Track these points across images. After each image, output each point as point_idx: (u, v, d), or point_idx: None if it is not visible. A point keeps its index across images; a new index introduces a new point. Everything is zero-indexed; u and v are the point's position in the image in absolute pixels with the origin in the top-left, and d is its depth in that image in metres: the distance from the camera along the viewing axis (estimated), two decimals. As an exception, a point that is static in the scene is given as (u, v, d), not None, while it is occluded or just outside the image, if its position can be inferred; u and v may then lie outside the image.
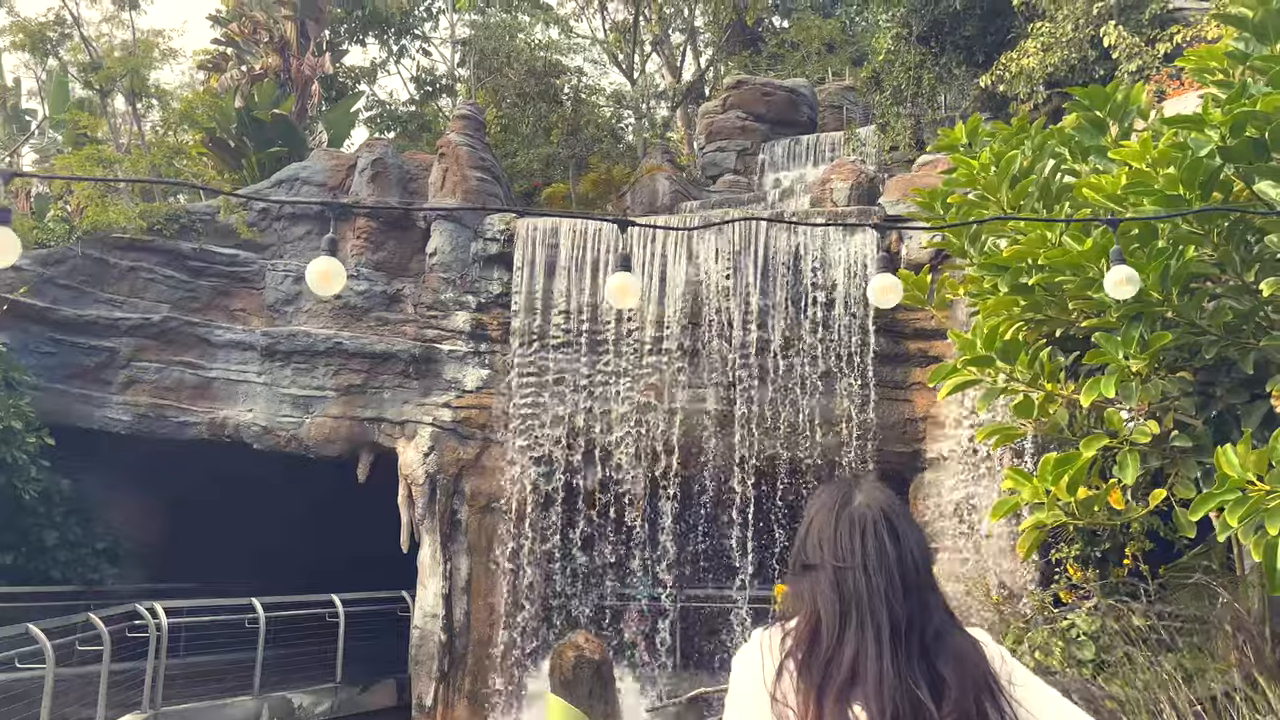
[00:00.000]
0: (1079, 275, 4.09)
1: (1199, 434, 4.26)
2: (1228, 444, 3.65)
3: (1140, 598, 7.30)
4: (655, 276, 12.59)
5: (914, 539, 1.86)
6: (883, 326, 11.95)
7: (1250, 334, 3.98)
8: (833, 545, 1.81)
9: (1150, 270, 3.84)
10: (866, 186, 15.41)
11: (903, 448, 11.94)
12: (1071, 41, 12.82)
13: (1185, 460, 4.25)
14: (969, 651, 1.77)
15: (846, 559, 1.79)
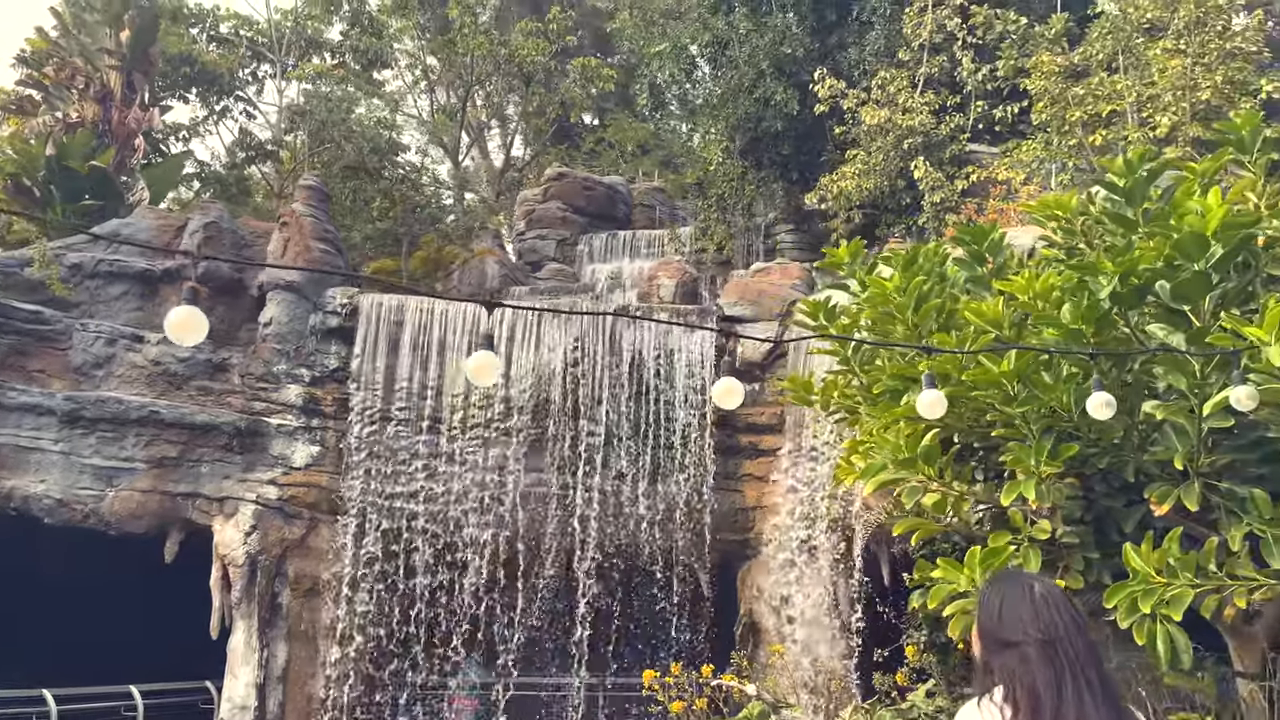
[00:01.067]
0: (999, 390, 4.73)
1: (1082, 533, 4.96)
2: (1129, 543, 4.32)
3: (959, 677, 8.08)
4: (501, 360, 12.73)
5: (1082, 614, 2.24)
6: (718, 420, 12.59)
7: (1131, 449, 4.72)
8: (1035, 622, 2.17)
9: (1062, 391, 4.52)
10: (690, 285, 16.29)
11: (734, 536, 12.53)
12: (883, 171, 14.28)
13: (1073, 555, 4.92)
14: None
15: (1052, 633, 2.14)
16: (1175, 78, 10.35)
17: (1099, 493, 4.92)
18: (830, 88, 14.55)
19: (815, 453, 11.64)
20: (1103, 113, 11.19)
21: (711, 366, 12.61)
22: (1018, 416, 4.67)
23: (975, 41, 14.37)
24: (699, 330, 12.83)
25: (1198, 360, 4.18)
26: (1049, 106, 11.81)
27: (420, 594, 12.11)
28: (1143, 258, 4.58)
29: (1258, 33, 11.00)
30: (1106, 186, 5.28)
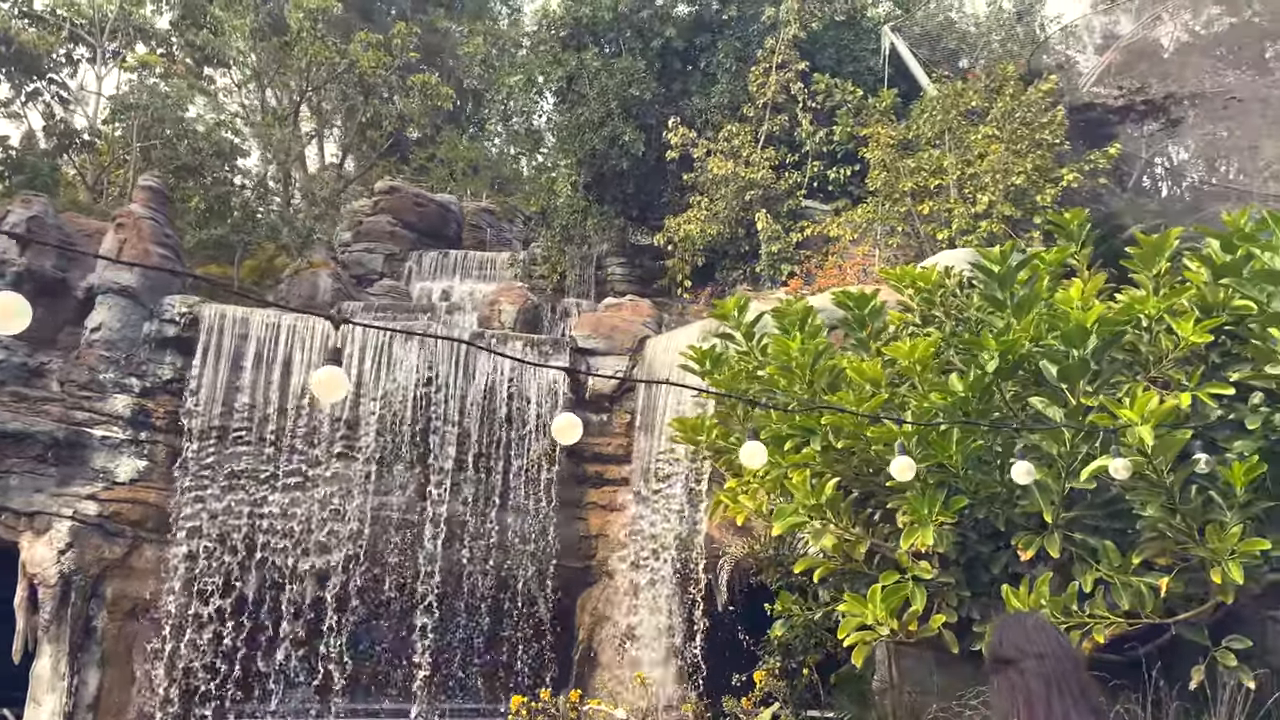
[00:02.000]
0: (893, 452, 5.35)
1: (956, 574, 5.67)
2: (1008, 585, 5.03)
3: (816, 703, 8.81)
4: (349, 379, 12.54)
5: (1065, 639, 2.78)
6: (565, 449, 12.90)
7: (1000, 502, 5.46)
8: (1028, 645, 2.68)
9: (954, 452, 5.19)
10: (532, 312, 16.61)
11: (576, 563, 12.85)
12: (725, 219, 15.13)
13: (948, 593, 5.62)
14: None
15: (1041, 651, 2.66)
16: (994, 162, 11.68)
17: (971, 540, 5.63)
18: (682, 136, 15.26)
19: (662, 486, 12.17)
20: (930, 185, 12.42)
21: (563, 395, 12.94)
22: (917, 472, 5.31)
23: (814, 106, 15.51)
24: (551, 358, 13.13)
25: (1069, 431, 4.95)
26: (882, 174, 12.95)
27: (252, 618, 11.70)
28: (1018, 339, 5.34)
29: (1060, 126, 12.55)
30: (981, 270, 6.07)
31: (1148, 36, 29.63)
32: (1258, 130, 25.93)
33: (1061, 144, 12.43)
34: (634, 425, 12.96)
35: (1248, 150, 25.78)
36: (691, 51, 17.82)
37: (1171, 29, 31.62)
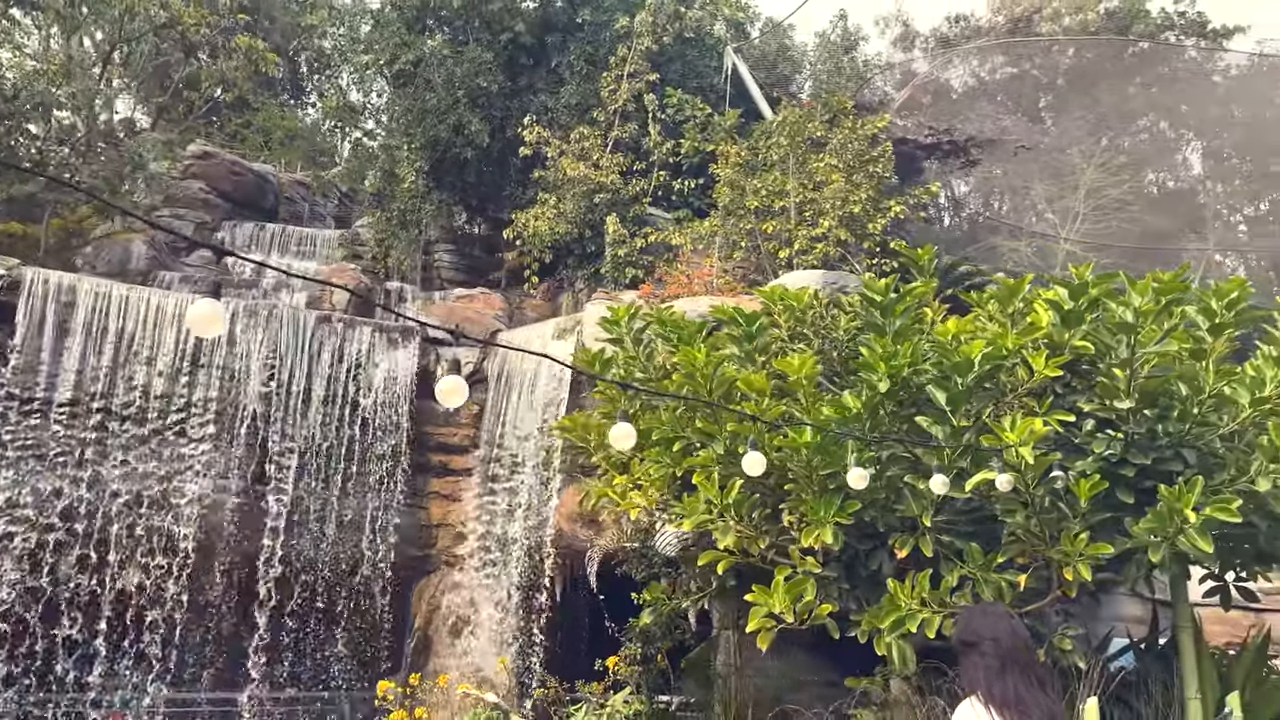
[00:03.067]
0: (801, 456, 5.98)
1: (837, 569, 6.39)
2: (893, 579, 5.77)
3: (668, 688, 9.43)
4: (188, 358, 12.07)
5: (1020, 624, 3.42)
6: (411, 438, 12.94)
7: (879, 507, 6.22)
8: (986, 630, 3.30)
9: (852, 461, 5.87)
10: (366, 295, 16.46)
11: (417, 551, 12.92)
12: (574, 219, 15.54)
13: (831, 586, 6.32)
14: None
15: (1002, 636, 3.28)
16: (835, 191, 12.72)
17: (852, 539, 6.36)
18: (538, 135, 15.53)
19: (509, 478, 12.45)
20: (774, 205, 13.33)
21: (411, 384, 12.95)
22: (816, 477, 5.97)
23: (663, 117, 16.17)
24: (400, 345, 13.11)
25: (949, 448, 5.74)
26: (729, 191, 13.77)
27: (75, 602, 11.07)
28: (902, 365, 6.10)
29: (889, 161, 13.79)
30: (865, 300, 6.82)
31: (939, 78, 32.38)
32: (1030, 172, 28.96)
33: (890, 177, 13.65)
34: (482, 417, 13.16)
35: (1021, 189, 28.75)
36: (541, 49, 18.07)
37: (961, 73, 34.58)
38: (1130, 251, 28.74)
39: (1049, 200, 28.38)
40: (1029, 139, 31.89)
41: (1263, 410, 5.65)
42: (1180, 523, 5.23)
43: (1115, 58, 33.04)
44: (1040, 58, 34.17)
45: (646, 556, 9.39)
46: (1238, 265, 32.85)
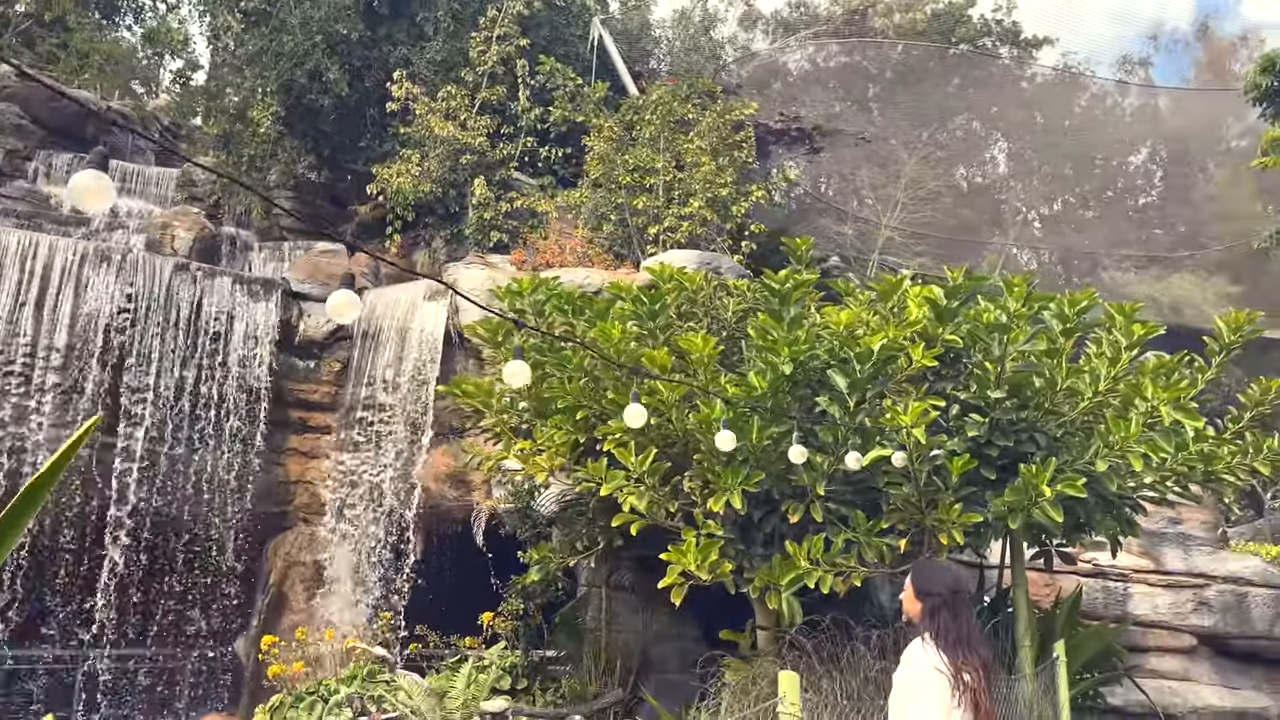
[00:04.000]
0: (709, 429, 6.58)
1: (733, 532, 7.07)
2: (790, 540, 6.50)
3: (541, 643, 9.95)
4: (31, 303, 11.47)
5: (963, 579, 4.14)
6: (275, 394, 12.76)
7: (773, 478, 6.93)
8: (944, 583, 3.98)
9: (761, 434, 6.54)
10: (210, 242, 16.01)
11: (274, 508, 12.81)
12: (438, 178, 15.55)
13: (728, 548, 7.00)
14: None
15: (955, 587, 3.98)
16: (706, 173, 13.40)
17: (748, 505, 7.05)
18: (407, 91, 15.41)
19: (375, 437, 12.53)
20: (645, 182, 13.88)
21: (272, 338, 12.74)
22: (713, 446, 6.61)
23: (532, 83, 16.36)
24: (261, 298, 12.87)
25: (845, 426, 6.51)
26: (601, 165, 14.21)
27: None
28: (802, 350, 6.82)
29: (752, 146, 14.60)
30: (766, 289, 7.50)
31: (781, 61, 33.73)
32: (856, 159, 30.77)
33: (752, 162, 14.46)
34: (345, 374, 13.12)
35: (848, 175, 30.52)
36: (402, 1, 17.78)
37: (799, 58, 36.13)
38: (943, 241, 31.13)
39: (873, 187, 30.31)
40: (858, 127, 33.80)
41: (1100, 402, 6.71)
42: (1036, 496, 6.20)
43: (939, 57, 35.27)
44: (872, 51, 36.08)
45: (530, 517, 9.83)
46: (1032, 259, 36.09)
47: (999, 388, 6.54)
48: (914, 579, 4.11)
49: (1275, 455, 7.19)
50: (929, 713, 3.69)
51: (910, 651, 3.94)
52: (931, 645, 3.88)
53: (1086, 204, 35.91)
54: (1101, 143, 36.08)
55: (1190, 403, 6.65)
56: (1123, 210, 35.95)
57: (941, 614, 3.94)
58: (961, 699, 3.74)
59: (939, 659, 3.81)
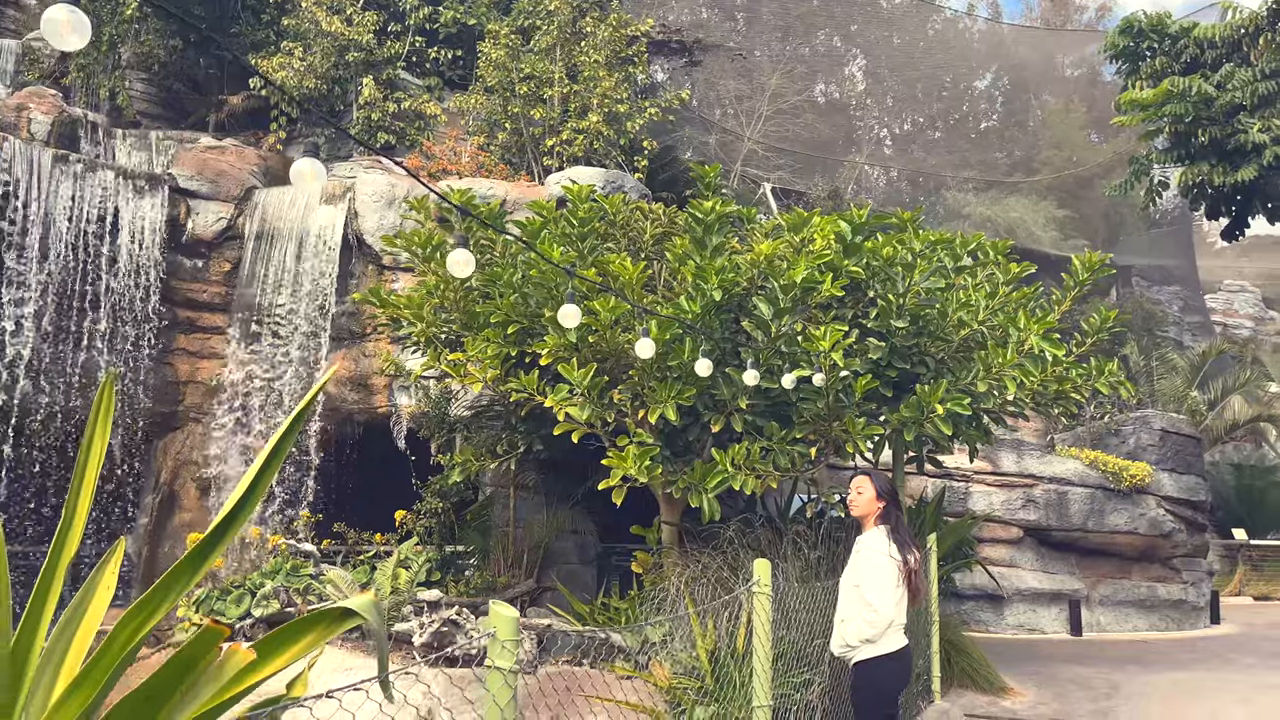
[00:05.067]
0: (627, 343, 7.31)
1: (661, 440, 7.90)
2: (715, 447, 7.38)
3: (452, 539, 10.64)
4: (-99, 188, 10.95)
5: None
6: (161, 293, 12.66)
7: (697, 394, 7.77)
8: (892, 487, 4.90)
9: (693, 353, 7.32)
10: (70, 126, 15.44)
11: (163, 407, 12.83)
12: (322, 75, 15.34)
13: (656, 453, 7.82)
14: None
15: (894, 489, 4.91)
16: (605, 89, 13.83)
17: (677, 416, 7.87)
18: (292, -20, 15.00)
19: (272, 338, 12.66)
20: (542, 94, 14.19)
21: (160, 236, 12.58)
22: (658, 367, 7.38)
23: (422, -19, 16.18)
24: (147, 193, 12.64)
25: (768, 349, 7.38)
26: (496, 72, 14.39)
27: None
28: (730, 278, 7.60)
29: (646, 63, 15.05)
30: (692, 218, 8.20)
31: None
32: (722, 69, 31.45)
33: (646, 78, 14.95)
34: (235, 274, 13.11)
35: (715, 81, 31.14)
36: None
37: (669, -38, 36.03)
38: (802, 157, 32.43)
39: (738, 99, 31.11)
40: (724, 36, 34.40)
41: (980, 331, 7.82)
42: (929, 412, 7.28)
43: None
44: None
45: (446, 422, 10.39)
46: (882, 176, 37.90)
47: (900, 318, 7.53)
48: (876, 483, 5.00)
49: (1114, 377, 8.54)
50: (883, 591, 4.63)
51: (868, 541, 4.85)
52: (885, 536, 4.81)
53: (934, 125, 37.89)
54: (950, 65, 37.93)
55: (1054, 334, 7.85)
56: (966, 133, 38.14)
57: (892, 512, 4.88)
58: (903, 581, 4.70)
59: (891, 548, 4.75)
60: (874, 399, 7.70)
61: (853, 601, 4.81)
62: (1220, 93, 8.80)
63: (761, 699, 4.61)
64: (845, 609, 4.88)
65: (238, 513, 2.62)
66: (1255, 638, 13.91)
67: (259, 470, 2.67)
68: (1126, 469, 14.18)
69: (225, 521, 2.56)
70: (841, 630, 4.85)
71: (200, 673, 1.79)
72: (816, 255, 7.89)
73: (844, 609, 4.90)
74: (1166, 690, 9.60)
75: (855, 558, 4.91)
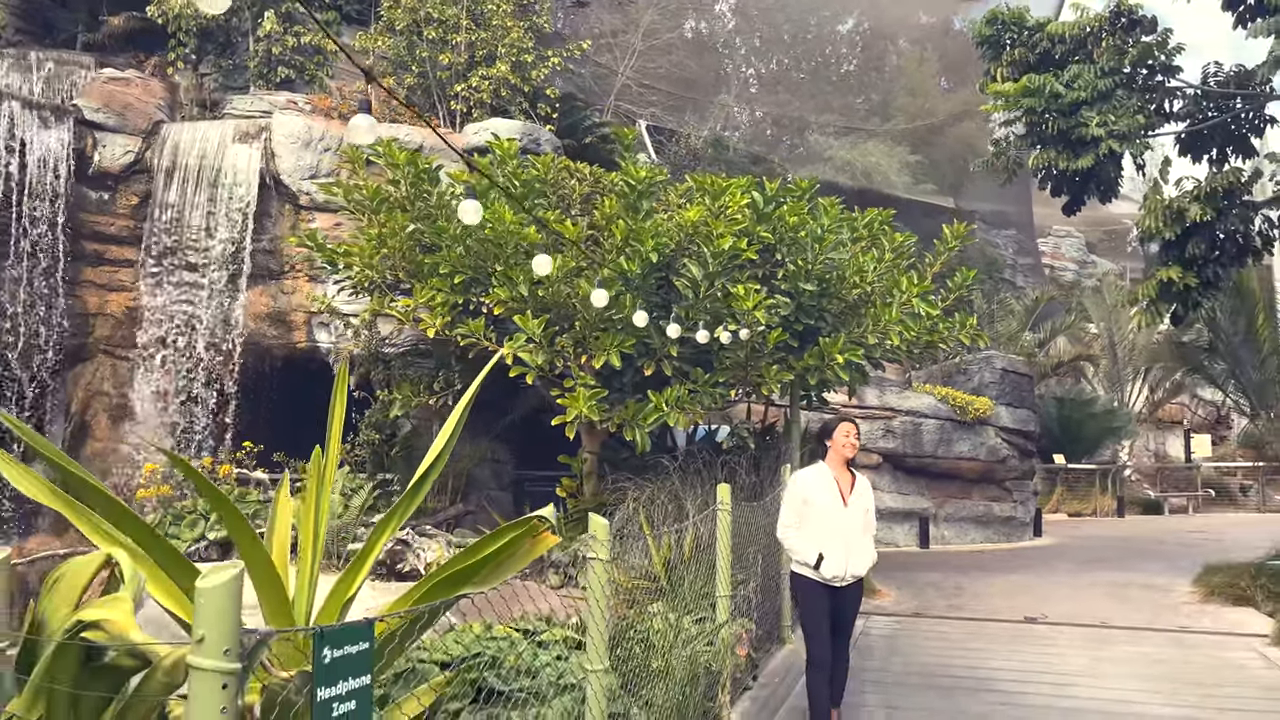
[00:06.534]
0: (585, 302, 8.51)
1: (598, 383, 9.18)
2: (651, 389, 8.73)
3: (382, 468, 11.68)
4: None
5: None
6: (68, 225, 12.91)
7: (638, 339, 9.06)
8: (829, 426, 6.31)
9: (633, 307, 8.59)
10: None
11: (73, 341, 13.18)
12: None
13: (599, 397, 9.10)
14: None
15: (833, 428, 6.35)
16: (515, 40, 14.66)
17: (614, 361, 9.16)
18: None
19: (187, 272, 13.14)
20: (450, 39, 14.89)
21: (68, 168, 12.80)
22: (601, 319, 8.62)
23: (322, -89, 16.38)
24: (52, 125, 12.82)
25: (696, 307, 8.73)
26: (405, 14, 14.98)
27: None
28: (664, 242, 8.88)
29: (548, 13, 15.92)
30: (624, 183, 9.39)
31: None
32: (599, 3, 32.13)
33: (549, 27, 15.84)
34: (142, 208, 13.44)
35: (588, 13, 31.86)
36: None
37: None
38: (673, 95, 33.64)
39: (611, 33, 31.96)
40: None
41: (868, 290, 9.41)
42: (829, 361, 8.83)
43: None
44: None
45: (382, 359, 11.34)
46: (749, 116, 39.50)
47: (809, 281, 9.02)
48: (820, 426, 6.43)
49: (974, 330, 10.33)
50: (826, 508, 6.06)
51: (816, 471, 6.20)
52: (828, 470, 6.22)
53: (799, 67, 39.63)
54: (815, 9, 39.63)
55: (930, 296, 9.53)
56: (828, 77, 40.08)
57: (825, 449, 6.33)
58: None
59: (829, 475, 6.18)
60: (782, 349, 9.19)
61: (868, 527, 6.17)
62: (1068, 90, 10.57)
63: (723, 590, 6.06)
64: (861, 531, 6.09)
65: (436, 462, 3.82)
66: (1072, 548, 16.51)
67: (453, 425, 3.86)
68: (972, 403, 16.39)
69: (429, 470, 3.75)
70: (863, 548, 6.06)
71: (517, 549, 3.02)
72: (735, 223, 9.25)
73: (860, 531, 6.08)
74: (1003, 588, 11.74)
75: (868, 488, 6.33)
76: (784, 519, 6.19)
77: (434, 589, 3.12)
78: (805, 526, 6.01)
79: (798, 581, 6.09)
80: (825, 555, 5.88)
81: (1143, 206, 11.14)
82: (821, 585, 5.93)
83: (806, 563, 5.94)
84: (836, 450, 6.15)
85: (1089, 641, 9.24)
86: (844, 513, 6.02)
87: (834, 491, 6.06)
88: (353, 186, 10.17)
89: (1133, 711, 6.91)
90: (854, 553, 5.98)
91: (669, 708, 5.03)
